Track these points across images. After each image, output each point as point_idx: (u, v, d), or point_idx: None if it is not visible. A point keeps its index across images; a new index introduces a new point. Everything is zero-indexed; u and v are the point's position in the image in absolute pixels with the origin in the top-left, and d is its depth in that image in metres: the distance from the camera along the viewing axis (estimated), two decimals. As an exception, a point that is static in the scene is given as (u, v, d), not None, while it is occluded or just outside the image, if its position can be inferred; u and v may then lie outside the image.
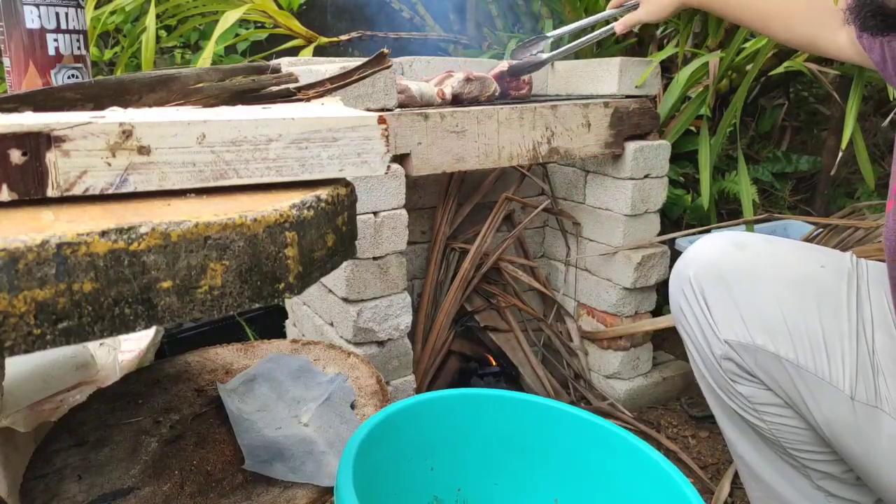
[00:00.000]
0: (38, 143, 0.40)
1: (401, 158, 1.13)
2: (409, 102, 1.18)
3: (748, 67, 1.46)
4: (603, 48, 1.72)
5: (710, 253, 0.86)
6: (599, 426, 0.75)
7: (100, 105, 0.58)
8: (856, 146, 1.40)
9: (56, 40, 0.75)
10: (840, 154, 1.39)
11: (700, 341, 0.86)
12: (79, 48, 0.77)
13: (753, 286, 0.81)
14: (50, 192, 0.41)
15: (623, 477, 0.73)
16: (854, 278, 0.81)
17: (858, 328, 0.77)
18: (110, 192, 0.42)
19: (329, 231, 0.48)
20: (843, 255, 0.85)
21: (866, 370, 0.75)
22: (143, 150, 0.43)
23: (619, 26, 1.28)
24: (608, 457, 0.74)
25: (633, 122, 1.37)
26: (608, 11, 1.33)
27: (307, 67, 1.03)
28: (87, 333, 0.37)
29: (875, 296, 0.79)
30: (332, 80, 0.67)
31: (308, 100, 0.65)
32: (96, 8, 1.72)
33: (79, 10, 0.77)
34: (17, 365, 0.86)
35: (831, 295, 0.80)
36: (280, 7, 1.96)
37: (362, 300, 1.12)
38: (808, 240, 1.46)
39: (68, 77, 0.77)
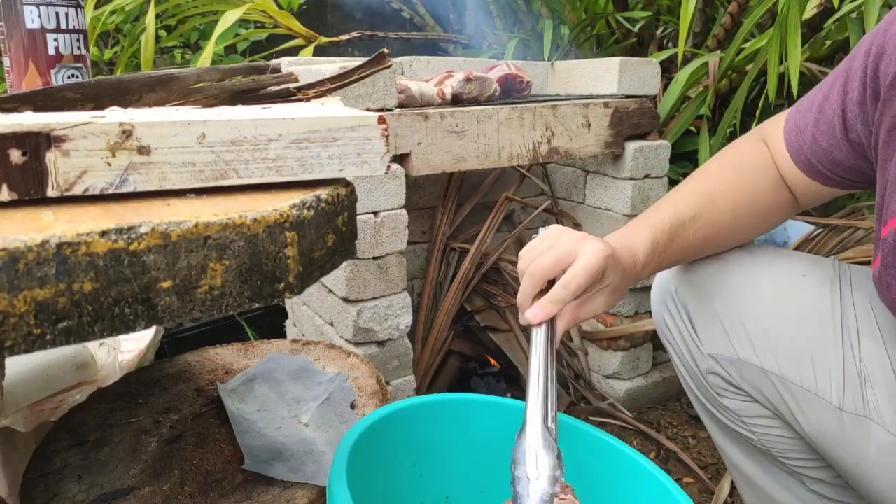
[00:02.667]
0: (38, 143, 0.40)
1: (401, 158, 1.13)
2: (409, 102, 1.18)
3: (748, 67, 1.46)
4: (603, 48, 1.72)
5: (691, 265, 0.85)
6: (592, 435, 0.73)
7: (100, 105, 0.58)
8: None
9: (56, 40, 0.75)
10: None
11: (685, 355, 0.85)
12: (79, 48, 0.77)
13: (736, 299, 0.80)
14: (50, 192, 0.41)
15: (618, 487, 0.71)
16: (837, 285, 0.79)
17: (844, 337, 0.76)
18: (110, 191, 0.42)
19: (329, 231, 0.48)
20: (825, 261, 0.83)
21: (853, 380, 0.74)
22: (143, 150, 0.43)
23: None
24: (600, 466, 0.72)
25: (633, 122, 1.37)
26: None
27: (307, 67, 1.03)
28: (87, 333, 0.37)
29: (860, 302, 0.77)
30: (332, 80, 0.67)
31: (308, 100, 0.65)
32: (96, 8, 1.73)
33: (79, 10, 0.77)
34: (17, 365, 0.86)
35: (814, 304, 0.78)
36: (280, 7, 1.96)
37: (362, 300, 1.12)
38: (808, 239, 1.46)
39: (68, 77, 0.77)
